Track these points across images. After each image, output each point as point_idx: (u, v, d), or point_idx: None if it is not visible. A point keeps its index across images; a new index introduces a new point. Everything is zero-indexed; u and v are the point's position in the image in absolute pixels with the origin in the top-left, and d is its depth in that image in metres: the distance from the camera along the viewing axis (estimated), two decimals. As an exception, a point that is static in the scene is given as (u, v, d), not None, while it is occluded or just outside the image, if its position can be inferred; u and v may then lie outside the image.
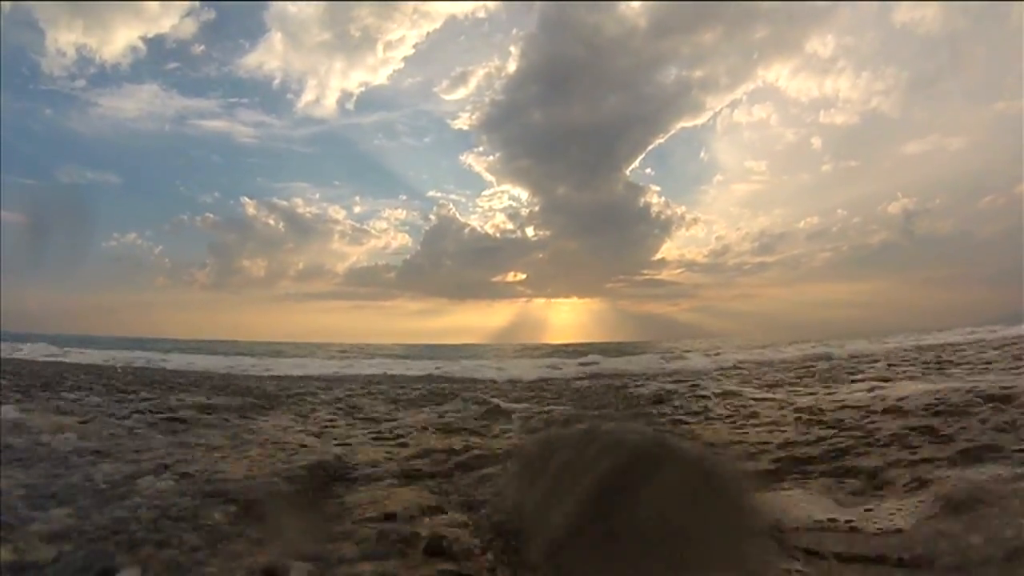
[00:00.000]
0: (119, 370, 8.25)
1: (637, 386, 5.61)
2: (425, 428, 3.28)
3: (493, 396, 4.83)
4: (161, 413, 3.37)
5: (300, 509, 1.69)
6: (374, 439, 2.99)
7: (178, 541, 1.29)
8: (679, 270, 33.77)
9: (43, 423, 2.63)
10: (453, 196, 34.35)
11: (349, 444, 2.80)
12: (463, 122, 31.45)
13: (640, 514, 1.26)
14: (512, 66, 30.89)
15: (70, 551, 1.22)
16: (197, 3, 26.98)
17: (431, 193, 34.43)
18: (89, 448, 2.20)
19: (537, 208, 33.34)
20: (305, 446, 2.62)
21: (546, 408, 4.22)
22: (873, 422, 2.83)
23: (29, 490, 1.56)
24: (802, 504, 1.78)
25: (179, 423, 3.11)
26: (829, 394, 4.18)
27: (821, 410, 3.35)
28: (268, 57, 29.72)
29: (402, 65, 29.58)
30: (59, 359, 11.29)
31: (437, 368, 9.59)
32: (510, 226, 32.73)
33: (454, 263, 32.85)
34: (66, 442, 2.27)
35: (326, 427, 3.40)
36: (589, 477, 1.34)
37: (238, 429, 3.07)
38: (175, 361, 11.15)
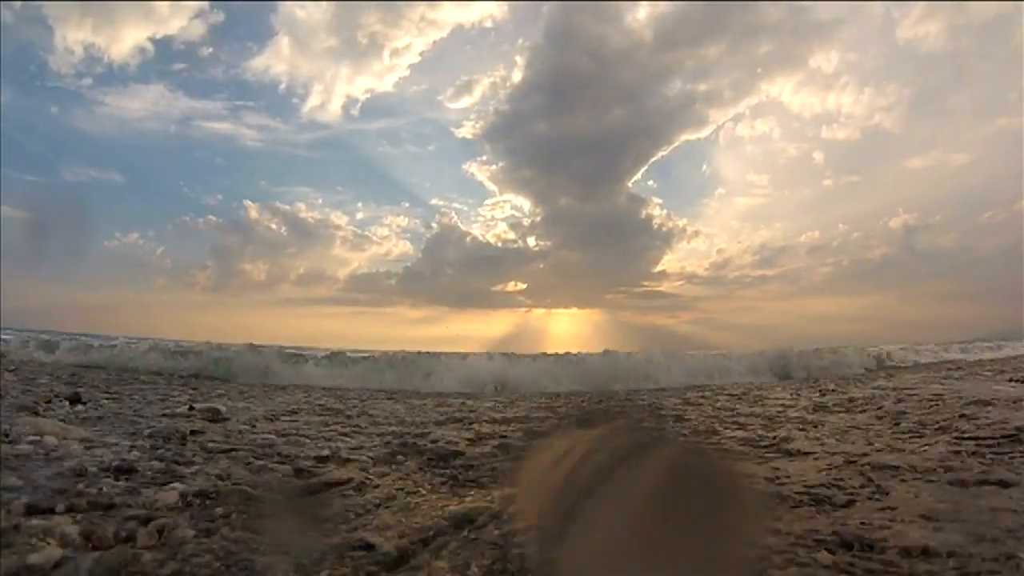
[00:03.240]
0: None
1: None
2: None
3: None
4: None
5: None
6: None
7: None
8: (680, 282, 33.46)
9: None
10: (455, 204, 34.06)
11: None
12: (467, 131, 31.25)
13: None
14: (517, 76, 30.71)
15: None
16: (206, 4, 27.02)
17: (433, 201, 34.06)
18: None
19: (539, 218, 33.02)
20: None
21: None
22: None
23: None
24: None
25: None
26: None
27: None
28: (275, 61, 29.55)
29: (408, 73, 29.33)
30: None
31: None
32: (512, 236, 32.38)
33: (455, 271, 32.50)
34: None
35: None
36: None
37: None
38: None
